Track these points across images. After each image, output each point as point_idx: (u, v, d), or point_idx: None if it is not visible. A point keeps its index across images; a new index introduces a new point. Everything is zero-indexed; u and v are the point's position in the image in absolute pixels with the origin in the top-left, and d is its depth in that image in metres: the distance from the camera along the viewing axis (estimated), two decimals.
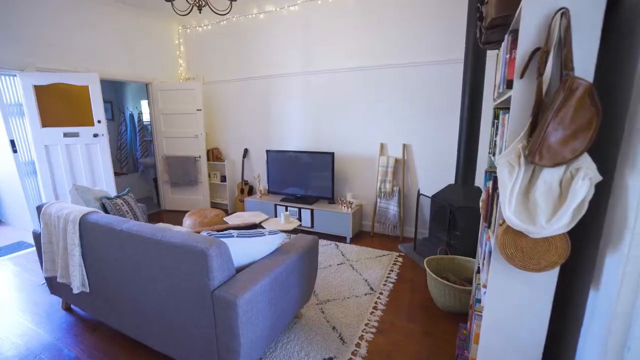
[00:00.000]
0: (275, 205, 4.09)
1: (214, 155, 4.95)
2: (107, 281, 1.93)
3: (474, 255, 2.61)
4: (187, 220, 3.85)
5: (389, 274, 2.96)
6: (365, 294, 2.59)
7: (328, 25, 3.88)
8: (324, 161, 3.88)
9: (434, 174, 3.61)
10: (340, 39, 3.84)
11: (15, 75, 3.33)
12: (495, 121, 1.64)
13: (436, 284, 2.30)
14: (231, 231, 1.74)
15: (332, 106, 4.06)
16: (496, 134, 1.57)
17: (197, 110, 4.64)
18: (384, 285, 2.75)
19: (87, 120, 3.56)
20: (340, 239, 3.78)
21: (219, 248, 1.52)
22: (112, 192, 3.75)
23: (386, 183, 3.77)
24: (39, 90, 3.39)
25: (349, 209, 3.74)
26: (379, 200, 3.86)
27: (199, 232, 1.72)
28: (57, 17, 3.56)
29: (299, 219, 3.95)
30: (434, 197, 3.17)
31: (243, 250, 1.71)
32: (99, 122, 3.57)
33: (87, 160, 3.61)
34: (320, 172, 3.95)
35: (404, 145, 3.71)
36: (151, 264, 1.68)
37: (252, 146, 4.78)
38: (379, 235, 3.95)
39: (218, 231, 1.81)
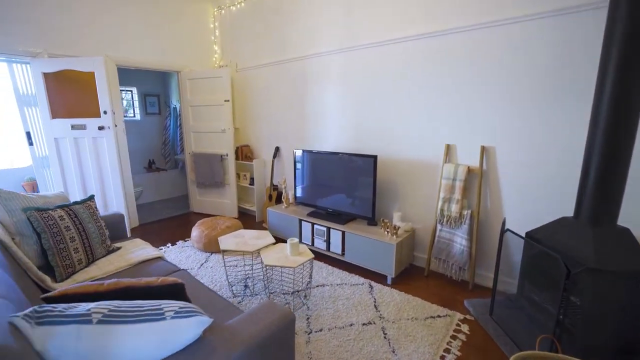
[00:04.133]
0: (300, 220, 3.20)
1: (243, 153, 4.29)
2: None
3: None
4: (195, 231, 3.23)
5: (444, 356, 1.82)
6: None
7: None
8: (364, 167, 2.85)
9: (534, 196, 2.29)
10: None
11: (29, 63, 3.08)
12: None
13: None
14: (90, 306, 0.89)
15: (378, 92, 2.99)
16: None
17: (225, 101, 4.02)
18: None
19: (95, 111, 3.17)
20: (379, 277, 2.71)
21: None
22: (118, 193, 3.33)
23: (452, 203, 2.57)
24: (48, 78, 3.10)
25: (394, 237, 2.64)
26: (439, 226, 2.68)
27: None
28: (73, 0, 3.25)
29: (327, 241, 3.00)
30: (532, 237, 1.91)
31: (103, 351, 0.85)
32: (104, 113, 3.15)
33: (95, 155, 3.24)
34: (359, 181, 2.92)
35: (483, 149, 2.46)
36: None
37: (284, 144, 3.98)
38: (436, 276, 2.76)
39: (79, 294, 0.99)
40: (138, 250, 2.14)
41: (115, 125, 3.33)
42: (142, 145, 5.69)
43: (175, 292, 1.13)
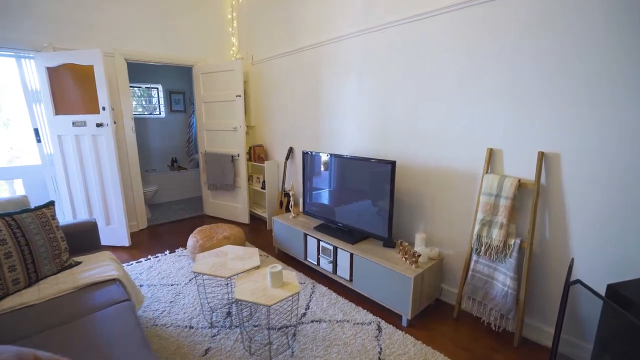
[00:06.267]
0: (306, 235, 2.73)
1: (255, 154, 3.93)
2: None
3: None
4: (190, 240, 2.92)
5: None
6: None
7: None
8: (380, 175, 2.29)
9: (619, 227, 1.57)
10: None
11: (33, 58, 2.98)
12: None
13: None
14: None
15: (403, 82, 2.40)
16: None
17: (237, 96, 3.68)
18: None
19: (96, 107, 2.99)
20: (392, 315, 2.14)
21: None
22: (117, 194, 3.13)
23: (493, 227, 1.92)
24: (51, 73, 2.98)
25: (413, 266, 2.06)
26: (475, 257, 2.03)
27: None
28: None
29: (334, 262, 2.49)
30: (618, 296, 1.24)
31: None
32: (103, 109, 2.95)
33: (95, 153, 3.07)
34: (374, 192, 2.37)
35: (542, 156, 1.78)
36: None
37: (298, 144, 3.53)
38: (469, 320, 2.11)
39: None
40: (96, 268, 1.83)
41: (115, 122, 3.14)
42: (166, 143, 5.62)
43: None
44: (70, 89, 3.03)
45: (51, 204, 1.88)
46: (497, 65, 1.89)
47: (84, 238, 2.11)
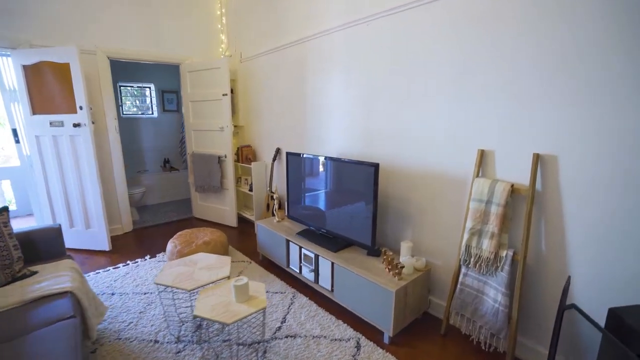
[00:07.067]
0: (288, 241, 2.57)
1: (243, 154, 3.79)
2: None
3: None
4: (169, 245, 2.80)
5: None
6: None
7: None
8: (364, 179, 2.13)
9: (623, 241, 1.38)
10: None
11: (10, 55, 2.88)
12: None
13: None
14: None
15: (389, 78, 2.23)
16: None
17: (223, 95, 3.54)
18: None
19: (73, 106, 2.88)
20: (373, 330, 1.97)
21: None
22: (96, 196, 3.01)
23: (483, 237, 1.74)
24: (28, 71, 2.87)
25: (396, 279, 1.89)
26: (464, 269, 1.85)
27: None
28: None
29: (316, 271, 2.33)
30: (621, 320, 1.06)
31: None
32: (80, 108, 2.84)
33: (73, 154, 2.96)
34: (357, 197, 2.21)
35: (538, 158, 1.59)
36: None
37: (285, 144, 3.38)
38: (458, 337, 1.93)
39: None
40: (51, 279, 1.70)
41: (93, 123, 3.03)
42: (159, 143, 5.52)
43: None
44: (48, 88, 2.92)
45: (4, 209, 1.76)
46: (492, 60, 1.72)
47: (46, 245, 1.99)
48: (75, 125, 2.86)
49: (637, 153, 1.31)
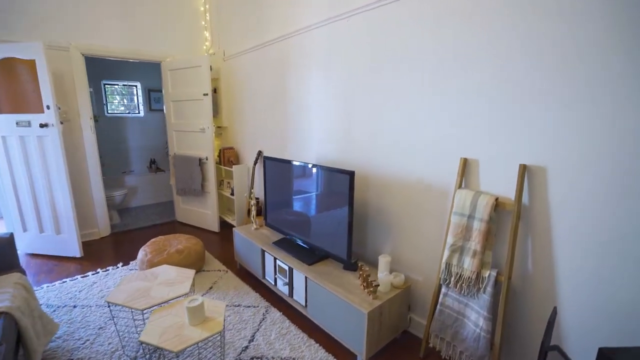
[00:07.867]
0: (263, 251, 2.42)
1: (225, 157, 3.64)
2: None
3: None
4: (140, 253, 2.65)
5: None
6: None
7: None
8: (340, 188, 1.97)
9: (620, 266, 1.22)
10: None
11: None
12: None
13: None
14: None
15: (369, 78, 2.07)
16: None
17: (204, 94, 3.39)
18: None
19: (41, 106, 2.73)
20: (345, 354, 1.82)
21: None
22: (66, 198, 2.86)
23: (465, 255, 1.59)
24: None
25: (369, 298, 1.73)
26: (444, 289, 1.70)
27: None
28: None
29: (290, 285, 2.18)
30: None
31: None
32: (47, 108, 2.69)
33: (41, 156, 2.81)
34: (334, 206, 2.05)
35: (524, 170, 1.43)
36: None
37: (267, 147, 3.22)
38: None
39: None
40: None
41: (62, 123, 2.88)
42: (146, 143, 5.37)
43: None
44: (14, 86, 2.77)
45: None
46: (478, 60, 1.55)
47: None
48: (42, 126, 2.71)
49: (637, 168, 1.15)
